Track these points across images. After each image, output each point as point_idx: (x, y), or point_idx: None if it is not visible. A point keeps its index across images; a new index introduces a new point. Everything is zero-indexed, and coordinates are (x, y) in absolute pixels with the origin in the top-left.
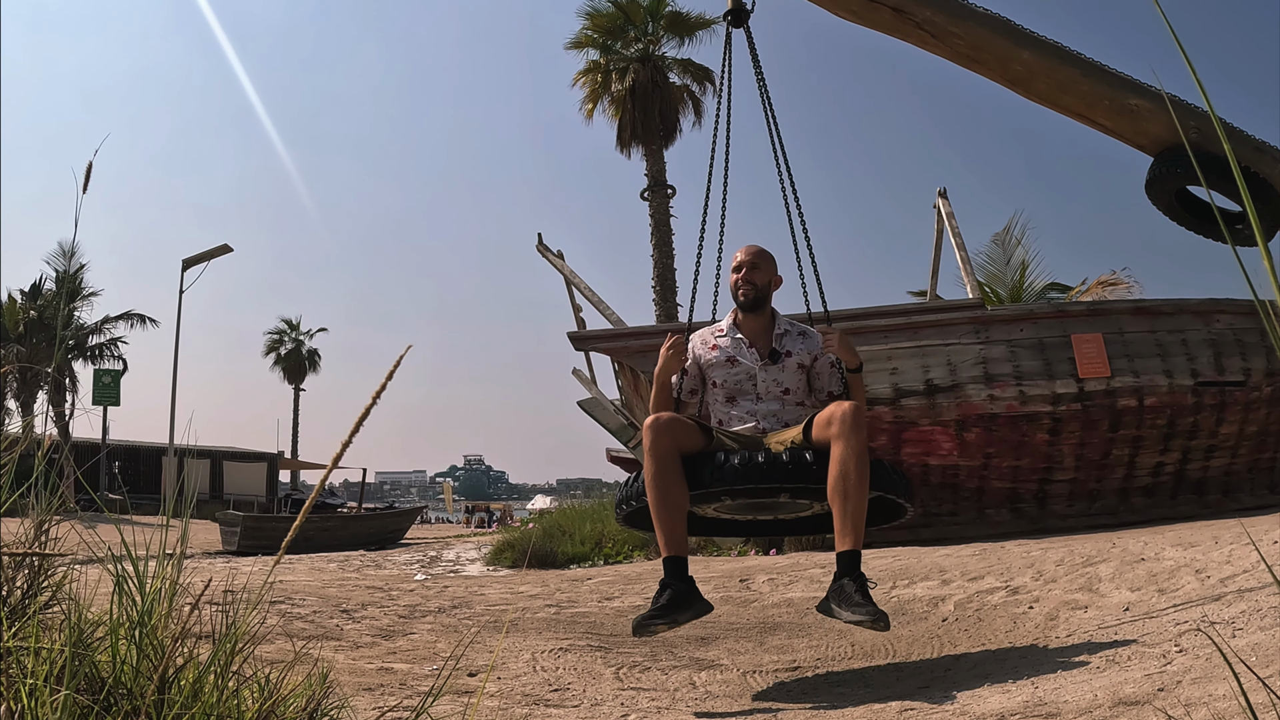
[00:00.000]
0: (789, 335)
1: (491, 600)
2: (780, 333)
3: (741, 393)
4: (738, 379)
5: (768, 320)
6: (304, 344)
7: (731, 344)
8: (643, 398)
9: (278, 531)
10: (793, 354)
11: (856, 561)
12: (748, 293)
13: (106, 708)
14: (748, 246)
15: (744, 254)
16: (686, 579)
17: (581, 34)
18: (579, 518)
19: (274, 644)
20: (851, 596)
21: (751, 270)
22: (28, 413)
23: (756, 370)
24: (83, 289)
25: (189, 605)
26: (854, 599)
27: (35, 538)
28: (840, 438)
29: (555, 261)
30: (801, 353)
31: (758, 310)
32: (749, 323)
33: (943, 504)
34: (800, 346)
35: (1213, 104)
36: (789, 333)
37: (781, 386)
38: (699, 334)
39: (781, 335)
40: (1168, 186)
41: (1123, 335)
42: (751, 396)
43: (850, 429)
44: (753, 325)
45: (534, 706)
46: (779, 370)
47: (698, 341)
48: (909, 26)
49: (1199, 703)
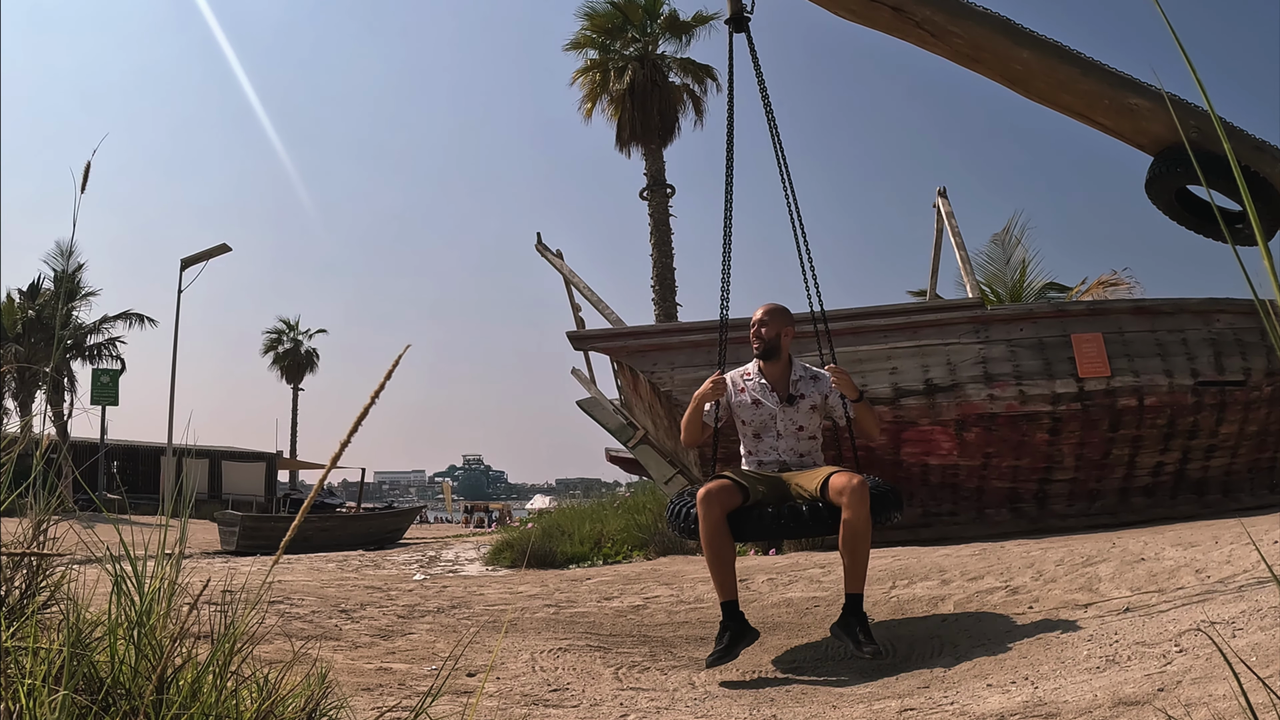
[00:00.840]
0: (803, 380)
1: (490, 600)
2: (796, 379)
3: (765, 430)
4: (762, 419)
5: (785, 366)
6: (302, 344)
7: (756, 388)
8: (642, 397)
9: (276, 531)
10: (806, 397)
11: (861, 602)
12: (759, 346)
13: (105, 708)
14: (763, 305)
15: (758, 313)
16: (738, 617)
17: (580, 34)
18: (578, 517)
19: (273, 644)
20: (856, 634)
21: (760, 326)
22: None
23: (777, 412)
24: (81, 288)
25: (187, 605)
26: (858, 637)
27: (33, 537)
28: (849, 507)
29: (554, 261)
30: (814, 395)
31: (773, 358)
32: (769, 368)
33: (942, 504)
34: (813, 389)
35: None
36: (803, 377)
37: (797, 425)
38: (733, 375)
39: (797, 380)
40: (1168, 186)
41: (1123, 335)
42: (773, 433)
43: (858, 501)
44: (772, 370)
45: (533, 706)
46: (795, 411)
47: (731, 382)
48: (909, 26)
49: (1199, 703)
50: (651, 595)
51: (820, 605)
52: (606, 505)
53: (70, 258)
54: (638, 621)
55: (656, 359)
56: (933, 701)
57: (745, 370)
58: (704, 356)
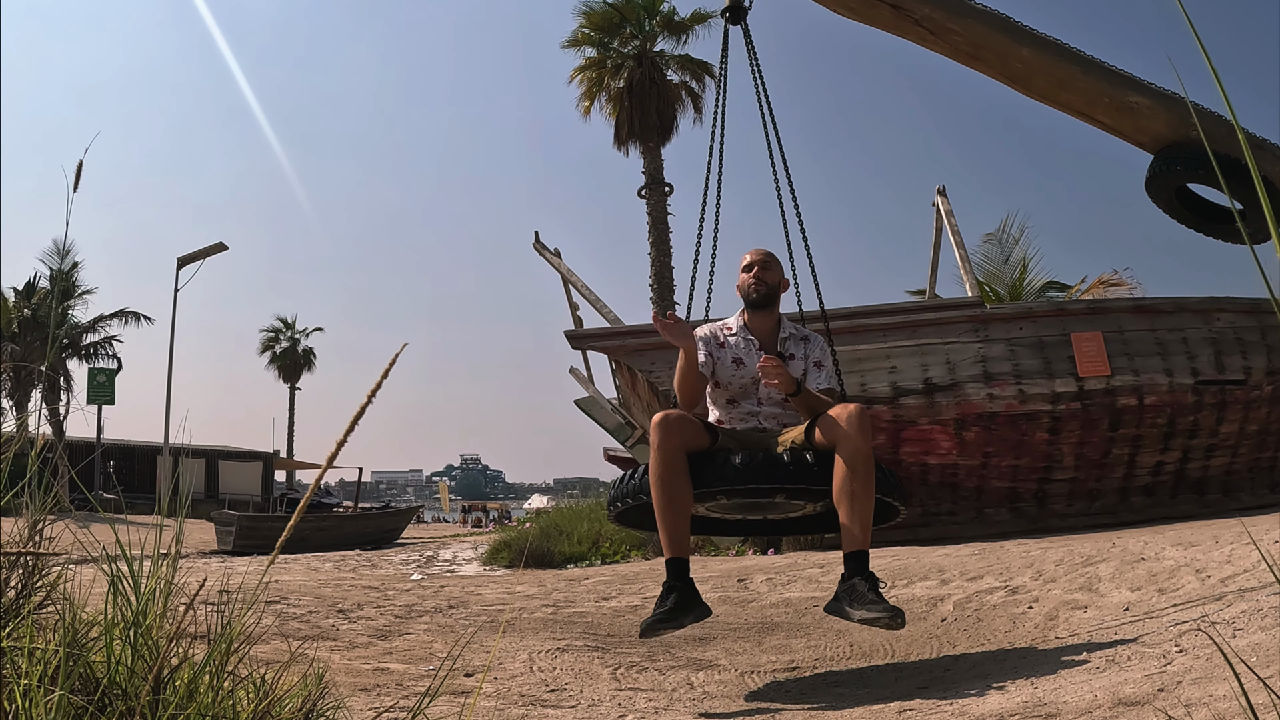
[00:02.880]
0: (792, 339)
1: (488, 600)
2: (785, 336)
3: (744, 395)
4: (742, 381)
5: (775, 322)
6: (299, 343)
7: (740, 344)
8: (640, 396)
9: (273, 531)
10: (795, 357)
11: (866, 561)
12: (759, 289)
13: (101, 708)
14: (756, 248)
15: (754, 254)
16: (688, 581)
17: (578, 31)
18: (576, 517)
19: (269, 644)
20: (865, 595)
21: (764, 269)
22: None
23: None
24: (76, 287)
25: (184, 605)
26: (867, 597)
27: (29, 537)
28: (846, 439)
29: (552, 260)
30: (801, 357)
31: (768, 308)
32: (757, 320)
33: (941, 503)
34: (801, 351)
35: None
36: (792, 335)
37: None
38: (710, 328)
39: (786, 339)
40: (1168, 184)
41: (1122, 334)
42: (753, 399)
43: (856, 431)
44: (761, 324)
45: (531, 707)
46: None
47: (708, 334)
48: (908, 23)
49: (1199, 703)
50: (650, 595)
51: (819, 605)
52: (604, 505)
53: (66, 256)
54: (636, 621)
55: (655, 358)
56: (932, 702)
57: (725, 324)
58: None
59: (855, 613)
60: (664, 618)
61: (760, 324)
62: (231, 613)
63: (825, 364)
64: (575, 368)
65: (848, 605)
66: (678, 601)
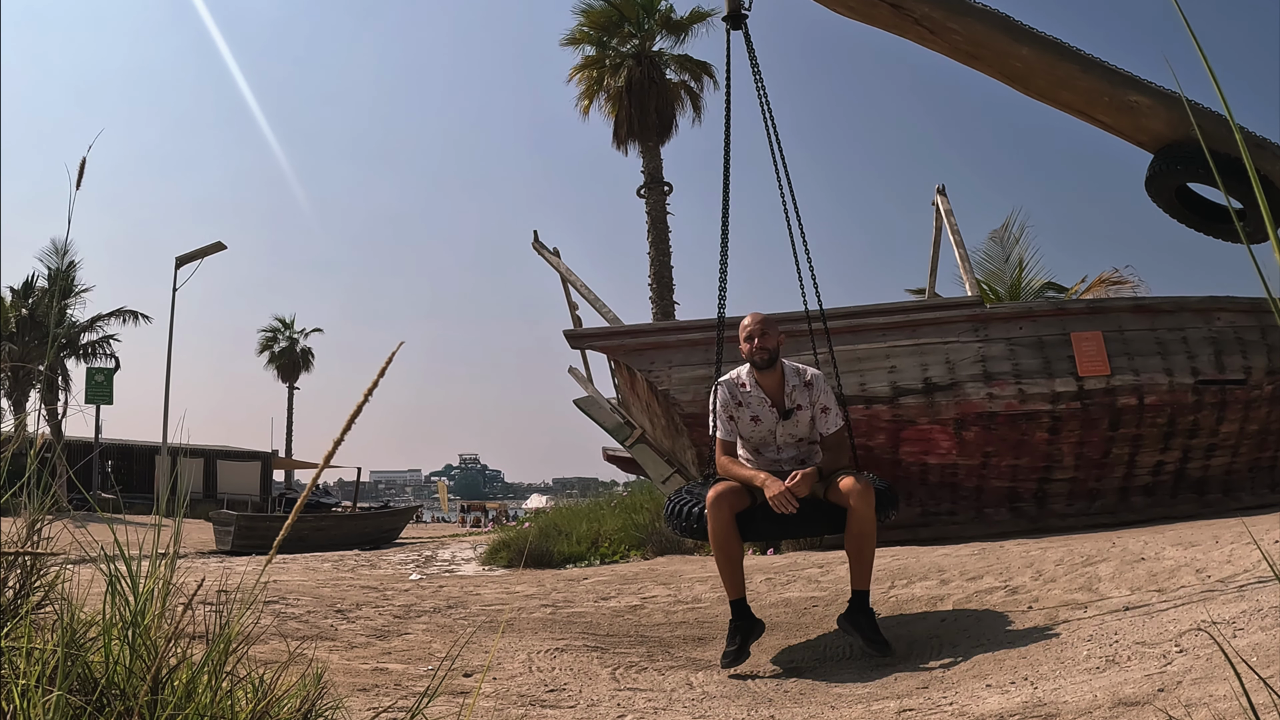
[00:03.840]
0: (797, 389)
1: (487, 600)
2: (790, 389)
3: (765, 445)
4: (761, 435)
5: (779, 375)
6: (298, 342)
7: (754, 401)
8: (639, 395)
9: (272, 531)
10: (803, 407)
11: (867, 599)
12: (763, 357)
13: (99, 709)
14: (753, 315)
15: (752, 325)
16: (748, 616)
17: (577, 30)
18: (575, 517)
19: (268, 644)
20: (864, 629)
21: (764, 338)
22: (20, 411)
23: (775, 428)
24: (75, 286)
25: (182, 605)
26: (867, 632)
27: (28, 537)
28: (855, 508)
29: (551, 259)
30: (807, 405)
31: (772, 368)
32: (764, 379)
33: (941, 503)
34: (806, 399)
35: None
36: (796, 386)
37: (796, 437)
38: (726, 388)
39: (791, 391)
40: (1168, 183)
41: (1122, 333)
42: (773, 447)
43: (863, 502)
44: (768, 381)
45: (530, 707)
46: (793, 424)
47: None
48: (908, 23)
49: (1199, 703)
50: (649, 595)
51: (818, 605)
52: (604, 505)
53: (65, 255)
54: (635, 621)
55: (654, 357)
56: (931, 702)
57: (739, 380)
58: (701, 355)
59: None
60: (736, 654)
61: (767, 380)
62: (230, 613)
63: (830, 406)
64: (574, 367)
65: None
66: (743, 639)
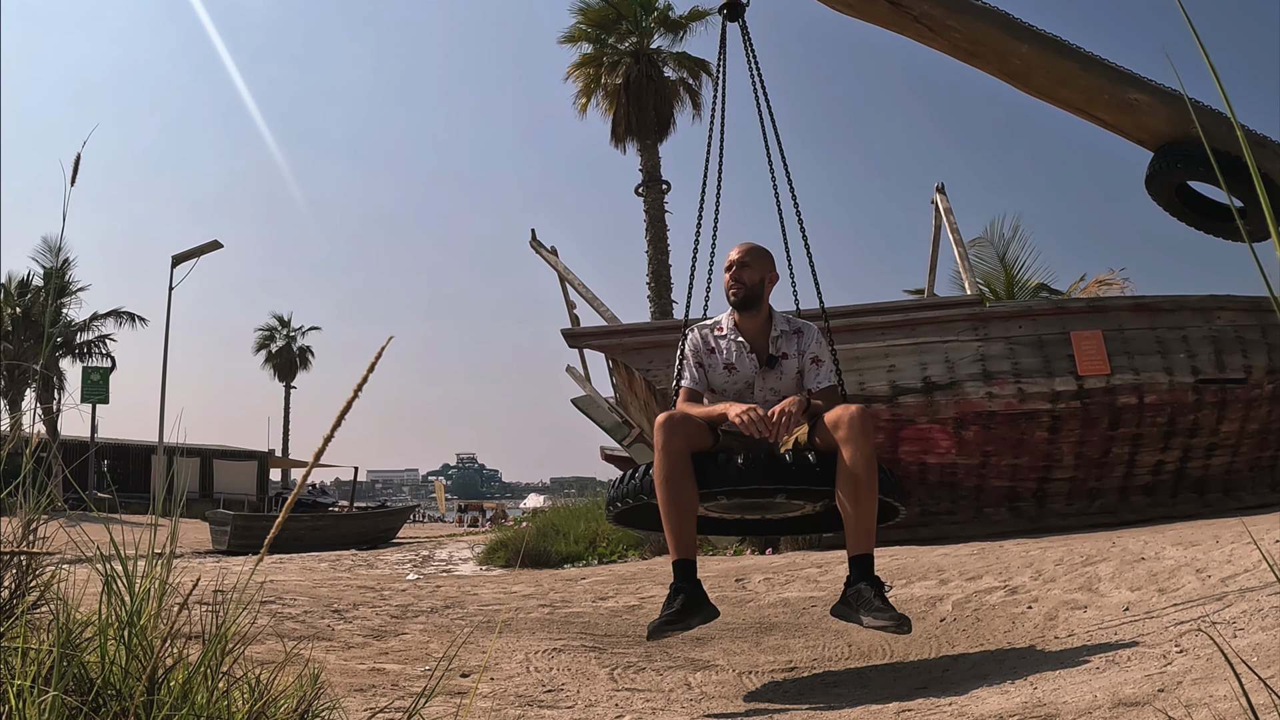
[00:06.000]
0: (784, 336)
1: (484, 600)
2: (776, 335)
3: (740, 399)
4: (736, 387)
5: (765, 320)
6: (295, 341)
7: (731, 347)
8: (637, 395)
9: (268, 530)
10: (789, 356)
11: (870, 564)
12: (737, 291)
13: (95, 709)
14: (741, 244)
15: (735, 252)
16: (695, 582)
17: (574, 28)
18: (573, 516)
19: (265, 644)
20: (872, 601)
21: (741, 269)
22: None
23: (754, 378)
24: (70, 285)
25: (178, 605)
26: (874, 604)
27: (23, 536)
28: (849, 442)
29: (549, 258)
30: (795, 355)
31: (752, 309)
32: (746, 322)
33: (940, 503)
34: (794, 348)
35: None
36: (785, 333)
37: (779, 394)
38: (698, 332)
39: (777, 337)
40: (1168, 181)
41: (1122, 332)
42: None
43: (859, 433)
44: (750, 325)
45: (527, 707)
46: (776, 377)
47: (698, 340)
48: (907, 20)
49: (1200, 704)
50: (647, 595)
51: (817, 605)
52: (601, 504)
53: (59, 254)
54: (633, 621)
55: (652, 356)
56: (930, 702)
57: (716, 324)
58: None
59: (864, 619)
60: (672, 619)
61: (749, 324)
62: (226, 613)
63: (823, 358)
64: (572, 366)
65: (856, 610)
66: (685, 603)
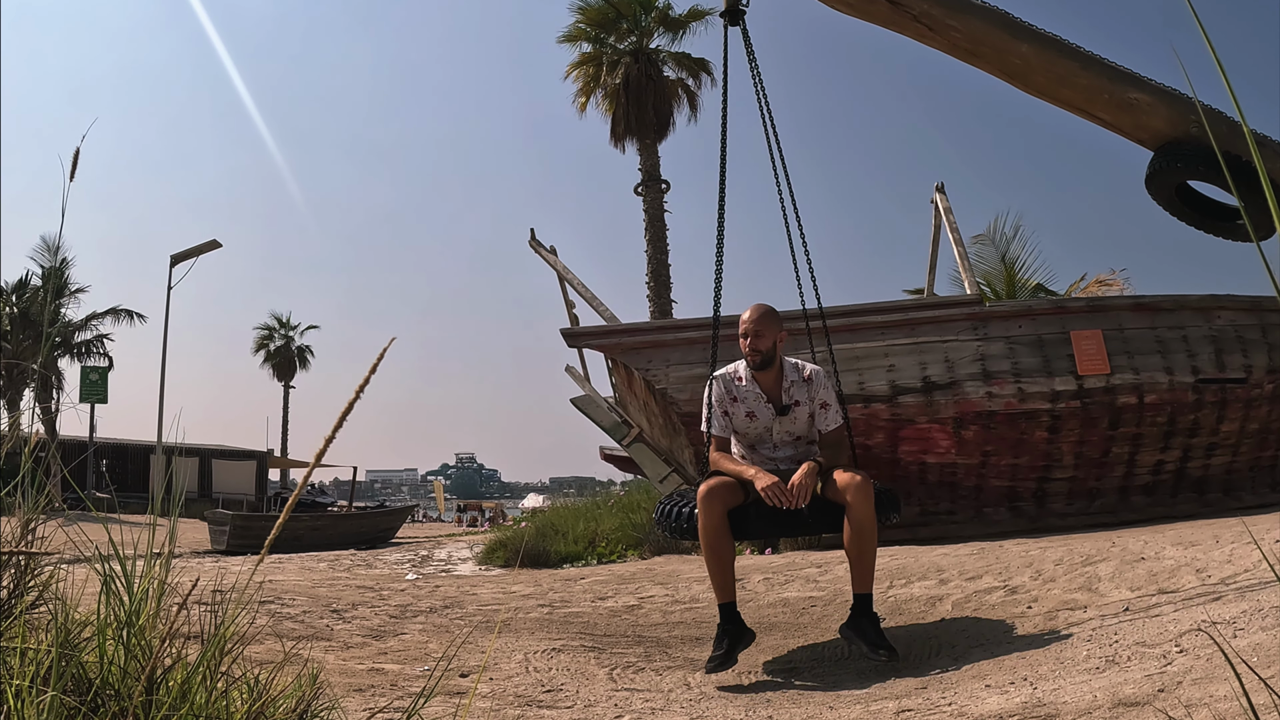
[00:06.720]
0: (795, 385)
1: (484, 600)
2: (788, 385)
3: (761, 441)
4: (757, 431)
5: (777, 371)
6: (294, 341)
7: (750, 397)
8: (636, 394)
9: (267, 530)
10: (800, 404)
11: (870, 602)
12: (754, 360)
13: (94, 709)
14: (752, 311)
15: (746, 323)
16: (738, 621)
17: (573, 27)
18: (572, 516)
19: (263, 644)
20: (868, 634)
21: (756, 339)
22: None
23: (772, 424)
24: (69, 285)
25: (177, 605)
26: (870, 637)
27: (22, 536)
28: (854, 505)
29: (548, 257)
30: (806, 402)
31: (768, 368)
32: (762, 375)
33: (940, 503)
34: (804, 395)
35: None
36: (795, 382)
37: (794, 435)
38: (722, 382)
39: (789, 387)
40: (1168, 181)
41: (1122, 332)
42: (769, 444)
43: (862, 498)
44: (765, 378)
45: (527, 707)
46: (791, 421)
47: (722, 391)
48: (906, 20)
49: (1200, 703)
50: (646, 595)
51: (817, 605)
52: (601, 504)
53: (58, 253)
54: (632, 622)
55: (651, 356)
56: (930, 702)
57: (736, 374)
58: (699, 353)
59: (861, 647)
60: (722, 659)
61: (765, 377)
62: (225, 613)
63: (830, 402)
64: (571, 366)
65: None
66: (730, 645)
